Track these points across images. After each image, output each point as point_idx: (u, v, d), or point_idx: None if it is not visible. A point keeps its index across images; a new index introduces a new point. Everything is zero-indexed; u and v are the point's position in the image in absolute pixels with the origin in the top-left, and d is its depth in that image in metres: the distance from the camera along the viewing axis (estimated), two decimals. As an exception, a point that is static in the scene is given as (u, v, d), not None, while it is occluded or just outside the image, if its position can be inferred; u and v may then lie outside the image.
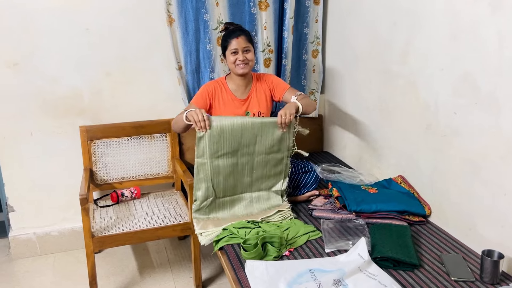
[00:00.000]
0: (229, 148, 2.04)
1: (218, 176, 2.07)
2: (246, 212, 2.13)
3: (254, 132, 2.06)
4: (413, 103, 2.15)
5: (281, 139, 2.10)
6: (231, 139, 2.03)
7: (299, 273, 1.62)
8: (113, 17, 2.52)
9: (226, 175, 2.08)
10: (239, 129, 2.03)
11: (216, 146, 2.02)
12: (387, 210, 2.04)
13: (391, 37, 2.27)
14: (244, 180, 2.13)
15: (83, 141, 2.50)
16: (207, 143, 2.00)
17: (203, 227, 2.05)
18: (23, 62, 2.42)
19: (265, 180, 2.17)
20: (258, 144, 2.09)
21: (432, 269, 1.68)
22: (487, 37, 1.71)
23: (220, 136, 2.01)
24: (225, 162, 2.06)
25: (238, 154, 2.07)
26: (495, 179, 1.74)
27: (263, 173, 2.15)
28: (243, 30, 2.28)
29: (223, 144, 2.02)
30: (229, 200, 2.14)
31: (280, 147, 2.12)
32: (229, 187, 2.11)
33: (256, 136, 2.07)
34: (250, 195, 2.17)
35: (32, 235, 2.64)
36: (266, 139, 2.09)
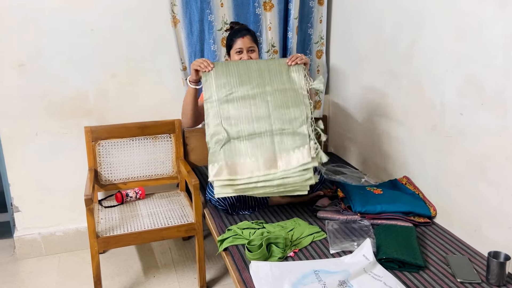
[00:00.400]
0: (238, 90, 1.96)
1: (229, 118, 1.95)
2: (268, 158, 1.91)
3: (260, 70, 2.00)
4: (418, 104, 2.15)
5: (291, 79, 2.02)
6: (238, 80, 1.97)
7: (303, 274, 1.62)
8: (118, 18, 2.52)
9: (239, 115, 1.95)
10: (245, 68, 1.99)
11: (224, 88, 1.96)
12: (392, 211, 2.03)
13: (396, 37, 2.27)
14: (261, 121, 1.96)
15: (88, 142, 2.51)
16: (214, 85, 1.95)
17: (218, 173, 1.88)
18: (29, 63, 2.43)
19: (287, 122, 1.96)
20: (268, 84, 1.99)
21: (438, 270, 1.68)
22: (493, 37, 1.70)
23: (226, 76, 1.96)
24: (236, 105, 1.96)
25: (250, 96, 1.97)
26: (501, 180, 1.73)
27: (282, 114, 1.97)
28: (249, 30, 2.29)
29: (231, 86, 1.96)
30: (247, 142, 1.94)
31: (292, 85, 2.01)
32: (245, 127, 1.94)
33: (264, 77, 2.00)
34: (272, 137, 1.95)
35: (37, 235, 2.65)
36: (275, 78, 2.01)
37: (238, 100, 1.97)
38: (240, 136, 1.94)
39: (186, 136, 2.74)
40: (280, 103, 1.99)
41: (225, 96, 1.97)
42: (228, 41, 2.29)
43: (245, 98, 1.97)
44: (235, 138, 1.94)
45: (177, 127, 2.66)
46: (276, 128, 1.96)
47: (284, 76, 2.02)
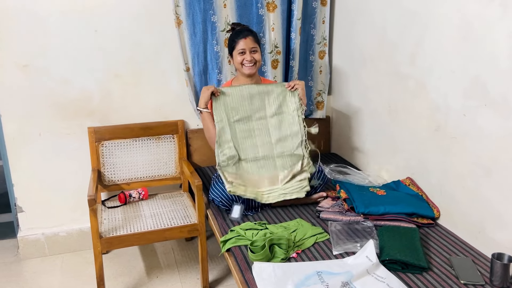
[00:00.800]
0: (243, 113, 2.26)
1: (237, 139, 2.25)
2: (270, 176, 2.25)
3: (261, 95, 2.29)
4: (422, 105, 2.14)
5: (286, 101, 2.31)
6: (242, 104, 2.26)
7: (306, 275, 1.61)
8: (122, 19, 2.53)
9: (244, 139, 2.26)
10: (247, 92, 2.27)
11: (231, 112, 2.25)
12: (395, 212, 2.02)
13: (400, 38, 2.26)
14: (264, 144, 2.28)
15: (91, 142, 2.51)
16: (223, 108, 2.24)
17: (234, 178, 2.18)
18: (33, 64, 2.44)
19: (285, 142, 2.30)
20: (268, 107, 2.30)
21: (441, 272, 1.67)
22: (498, 39, 1.69)
23: (232, 100, 2.24)
24: (242, 127, 2.26)
25: (252, 119, 2.28)
26: (505, 181, 1.72)
27: (280, 135, 2.30)
28: (251, 30, 2.29)
29: (236, 109, 2.25)
30: (253, 164, 2.25)
31: (287, 107, 2.31)
32: (250, 151, 2.26)
33: (264, 98, 2.30)
34: (273, 159, 2.28)
35: (40, 235, 2.65)
36: (273, 100, 2.30)
37: (243, 123, 2.27)
38: (246, 159, 2.25)
39: (189, 137, 2.75)
40: (278, 127, 2.31)
41: (233, 117, 2.26)
42: (230, 42, 2.30)
43: (248, 121, 2.28)
44: (242, 160, 2.25)
45: (180, 128, 2.67)
46: (277, 152, 2.29)
47: (281, 101, 2.32)
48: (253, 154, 2.26)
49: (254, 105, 2.28)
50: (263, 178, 2.24)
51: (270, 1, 2.66)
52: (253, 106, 2.28)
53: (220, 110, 2.23)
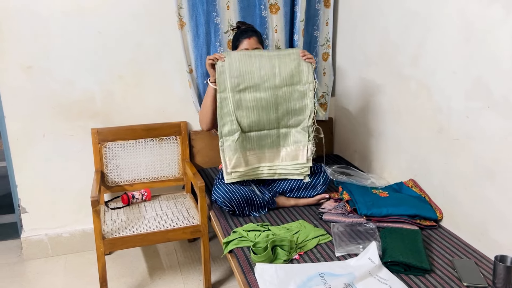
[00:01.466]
0: (249, 81, 2.13)
1: (241, 110, 2.15)
2: (272, 150, 2.22)
3: (271, 62, 2.14)
4: (425, 106, 2.14)
5: (300, 70, 2.17)
6: (250, 72, 2.12)
7: (309, 277, 1.61)
8: (125, 20, 2.54)
9: (250, 109, 2.15)
10: (256, 60, 2.13)
11: (237, 80, 2.11)
12: (398, 214, 2.02)
13: (403, 40, 2.26)
14: (270, 115, 2.18)
15: (95, 143, 2.52)
16: (228, 76, 2.10)
17: (236, 166, 2.15)
18: (36, 65, 2.45)
19: (291, 116, 2.21)
20: (278, 77, 2.15)
21: (444, 274, 1.67)
22: (501, 40, 1.69)
23: (239, 68, 2.11)
24: (248, 97, 2.14)
25: (260, 88, 2.14)
26: (508, 183, 1.72)
27: (288, 108, 2.19)
28: (255, 31, 2.31)
29: (243, 77, 2.12)
30: (256, 136, 2.20)
31: (300, 78, 2.17)
32: (254, 122, 2.17)
33: (274, 67, 2.14)
34: (277, 131, 2.22)
35: (43, 236, 2.66)
36: (285, 70, 2.15)
37: (250, 92, 2.14)
38: (250, 130, 2.18)
39: (192, 138, 2.75)
40: (287, 98, 2.18)
41: (238, 86, 2.13)
42: (234, 41, 2.31)
43: (256, 90, 2.14)
44: (246, 131, 2.18)
45: (183, 129, 2.67)
46: (282, 123, 2.21)
47: (294, 69, 2.16)
48: (257, 126, 2.18)
49: (263, 73, 2.14)
50: (264, 152, 2.22)
51: (273, 2, 2.67)
52: (261, 73, 2.13)
53: (224, 79, 2.11)
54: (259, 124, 2.18)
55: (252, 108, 2.16)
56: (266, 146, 2.22)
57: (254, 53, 2.16)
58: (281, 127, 2.22)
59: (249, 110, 2.15)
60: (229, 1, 2.60)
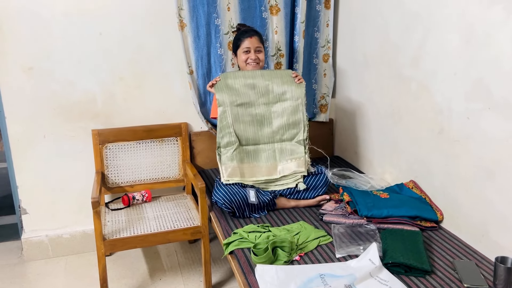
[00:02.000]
0: (245, 98, 2.27)
1: (239, 124, 2.27)
2: (269, 164, 2.29)
3: (265, 80, 2.29)
4: (425, 108, 2.14)
5: (291, 89, 2.30)
6: (245, 88, 2.27)
7: (309, 278, 1.61)
8: (126, 21, 2.54)
9: (246, 124, 2.28)
10: (250, 77, 2.28)
11: (234, 96, 2.25)
12: (398, 216, 2.02)
13: (403, 41, 2.26)
14: (264, 130, 2.30)
15: (95, 145, 2.52)
16: (226, 92, 2.24)
17: (231, 175, 2.22)
18: (38, 66, 2.45)
19: (286, 131, 2.32)
20: (271, 93, 2.30)
21: (444, 275, 1.67)
22: (501, 42, 1.69)
23: (235, 85, 2.26)
24: (244, 111, 2.27)
25: (255, 104, 2.29)
26: (509, 184, 1.71)
27: (282, 123, 2.31)
28: (256, 31, 2.35)
29: (239, 93, 2.26)
30: (253, 150, 2.30)
31: (292, 95, 2.30)
32: (251, 136, 2.29)
33: (268, 84, 2.29)
34: (273, 145, 2.32)
35: (44, 237, 2.66)
36: (277, 86, 2.30)
37: (246, 108, 2.28)
38: (248, 144, 2.29)
39: (193, 139, 2.75)
40: (281, 114, 2.31)
41: (235, 101, 2.25)
42: (235, 41, 2.34)
43: (251, 106, 2.28)
44: (244, 145, 2.28)
45: (183, 130, 2.67)
46: (277, 138, 2.32)
47: (286, 88, 2.31)
48: (254, 140, 2.29)
49: (258, 90, 2.29)
50: (260, 166, 2.28)
51: (273, 4, 2.67)
52: (256, 91, 2.29)
53: (223, 93, 2.25)
54: (255, 138, 2.30)
55: (248, 122, 2.28)
56: (262, 159, 2.30)
57: (249, 73, 2.30)
58: (276, 141, 2.32)
59: (246, 124, 2.28)
60: (229, 2, 2.61)
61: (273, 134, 2.31)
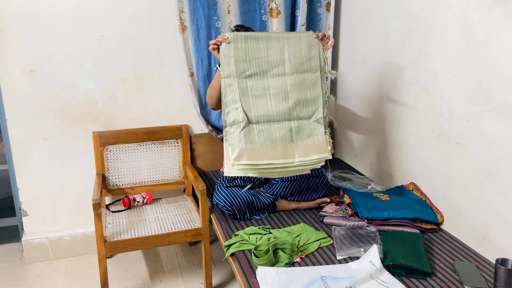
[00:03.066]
0: (256, 67, 1.94)
1: (247, 98, 1.94)
2: (285, 145, 1.96)
3: (280, 47, 1.95)
4: (426, 110, 2.14)
5: (310, 57, 1.99)
6: (257, 56, 1.93)
7: (310, 280, 1.62)
8: (127, 24, 2.55)
9: (257, 98, 1.95)
10: (264, 43, 1.94)
11: (243, 65, 1.92)
12: (399, 218, 2.03)
13: (404, 44, 2.27)
14: (280, 105, 1.97)
15: (96, 147, 2.53)
16: (233, 60, 1.91)
17: (238, 157, 1.89)
18: (39, 69, 2.46)
19: (304, 107, 2.00)
20: (287, 63, 1.97)
21: (445, 277, 1.67)
22: (501, 45, 1.70)
23: (244, 52, 1.91)
24: (255, 84, 1.94)
25: (268, 75, 1.96)
26: (509, 187, 1.72)
27: (300, 97, 1.99)
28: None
29: (249, 62, 1.93)
30: (265, 128, 1.96)
31: (310, 65, 2.00)
32: (263, 112, 1.95)
33: (283, 52, 1.96)
34: (289, 124, 1.99)
35: (44, 239, 2.66)
36: (294, 56, 1.97)
37: (257, 79, 1.95)
38: (258, 122, 1.95)
39: (193, 141, 2.76)
40: (298, 87, 1.99)
41: (244, 72, 1.94)
42: None
43: (263, 76, 1.96)
44: (254, 123, 1.94)
45: (184, 132, 2.68)
46: (293, 115, 1.99)
47: (304, 56, 1.99)
48: (266, 117, 1.95)
49: (272, 58, 1.95)
50: (276, 147, 1.95)
51: (273, 7, 2.68)
52: (270, 58, 1.95)
53: (229, 63, 1.91)
54: (268, 116, 1.96)
55: (260, 97, 1.95)
56: (277, 140, 1.96)
57: (262, 35, 1.95)
58: (293, 119, 1.99)
59: (256, 99, 1.95)
60: (230, 5, 2.62)
61: (289, 110, 1.98)
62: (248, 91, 1.94)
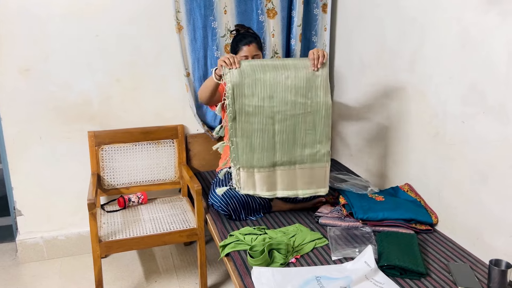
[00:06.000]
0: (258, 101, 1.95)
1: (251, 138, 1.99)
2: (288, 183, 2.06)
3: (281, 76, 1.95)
4: (421, 112, 2.15)
5: (314, 87, 1.99)
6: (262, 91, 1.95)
7: (305, 280, 1.62)
8: (123, 24, 2.54)
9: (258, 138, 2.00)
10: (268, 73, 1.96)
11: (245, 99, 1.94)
12: (394, 218, 2.03)
13: (400, 45, 2.28)
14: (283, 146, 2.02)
15: (91, 146, 2.52)
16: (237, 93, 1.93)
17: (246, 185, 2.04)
18: (34, 68, 2.45)
19: (306, 148, 2.04)
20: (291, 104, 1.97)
21: (439, 278, 1.68)
22: (496, 46, 1.71)
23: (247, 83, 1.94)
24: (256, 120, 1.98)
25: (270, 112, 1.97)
26: (503, 188, 1.73)
27: (303, 137, 2.02)
28: (255, 36, 2.31)
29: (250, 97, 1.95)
30: (268, 171, 2.04)
31: (313, 98, 2.00)
32: (266, 155, 2.01)
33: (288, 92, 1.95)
34: (294, 166, 2.05)
35: (39, 239, 2.65)
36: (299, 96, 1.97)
37: (260, 117, 1.98)
38: (261, 166, 2.04)
39: (189, 141, 2.76)
40: (302, 130, 2.03)
41: (246, 105, 1.97)
42: (233, 45, 2.30)
43: (266, 116, 1.98)
44: (255, 166, 2.04)
45: (180, 132, 2.68)
46: (299, 159, 2.05)
47: (304, 86, 1.98)
48: (267, 162, 2.03)
49: (275, 98, 1.97)
50: (278, 186, 2.08)
51: (270, 7, 2.68)
52: (273, 98, 1.96)
53: (231, 94, 1.94)
54: (271, 162, 2.03)
55: (260, 137, 2.01)
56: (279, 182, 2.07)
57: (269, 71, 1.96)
58: (297, 163, 2.05)
59: (259, 142, 2.01)
60: (226, 5, 2.62)
61: (293, 153, 2.04)
62: (249, 128, 1.99)
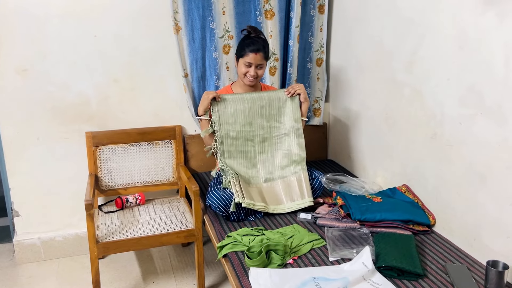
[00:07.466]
0: (241, 127, 2.28)
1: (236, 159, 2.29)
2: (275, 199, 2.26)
3: (262, 105, 2.30)
4: (419, 113, 2.16)
5: (289, 111, 2.34)
6: (243, 115, 2.28)
7: (303, 281, 1.62)
8: (121, 24, 2.54)
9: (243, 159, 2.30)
10: (248, 103, 2.28)
11: (228, 126, 2.26)
12: (391, 219, 2.03)
13: (397, 46, 2.28)
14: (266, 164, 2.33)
15: (89, 147, 2.52)
16: (222, 120, 2.25)
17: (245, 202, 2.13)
18: (32, 68, 2.45)
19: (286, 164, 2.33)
20: (268, 120, 2.32)
21: (437, 279, 1.68)
22: (493, 48, 1.71)
23: (230, 112, 2.26)
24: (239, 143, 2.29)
25: (252, 135, 2.30)
26: (500, 189, 1.73)
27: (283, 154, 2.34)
28: (264, 45, 2.26)
29: (233, 124, 2.26)
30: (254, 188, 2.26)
31: (288, 120, 2.34)
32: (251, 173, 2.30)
33: (265, 112, 2.31)
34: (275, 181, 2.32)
35: (36, 240, 2.65)
36: (275, 111, 2.32)
37: (243, 140, 2.29)
38: (248, 183, 2.25)
39: (187, 142, 2.75)
40: (280, 143, 2.35)
41: (231, 132, 2.27)
42: (241, 47, 2.26)
43: (247, 139, 2.29)
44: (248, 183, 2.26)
45: (177, 133, 2.67)
46: (279, 174, 2.33)
47: (282, 111, 2.35)
48: (253, 177, 2.29)
49: (254, 118, 2.30)
50: (268, 203, 2.23)
51: (268, 8, 2.69)
52: (252, 119, 2.30)
53: (218, 122, 2.25)
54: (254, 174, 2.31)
55: (244, 157, 2.31)
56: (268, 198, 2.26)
57: (245, 98, 2.29)
58: (279, 176, 2.33)
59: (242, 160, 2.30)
60: (224, 6, 2.62)
61: (274, 169, 2.33)
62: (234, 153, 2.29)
